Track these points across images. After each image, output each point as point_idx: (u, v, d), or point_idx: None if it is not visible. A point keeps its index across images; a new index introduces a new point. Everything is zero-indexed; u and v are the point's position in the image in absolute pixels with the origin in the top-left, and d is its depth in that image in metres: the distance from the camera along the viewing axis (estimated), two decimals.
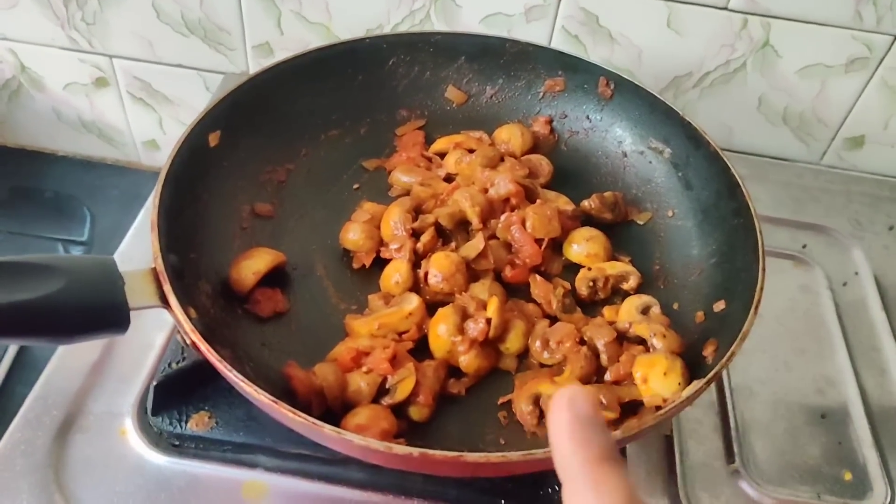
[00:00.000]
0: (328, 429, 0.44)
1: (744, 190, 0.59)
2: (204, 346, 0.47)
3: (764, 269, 0.54)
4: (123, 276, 0.48)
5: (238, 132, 0.64)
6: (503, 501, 0.56)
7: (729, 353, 0.49)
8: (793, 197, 0.87)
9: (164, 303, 0.49)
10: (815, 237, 0.82)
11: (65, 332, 0.47)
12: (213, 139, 0.62)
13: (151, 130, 1.05)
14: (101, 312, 0.48)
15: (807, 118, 0.91)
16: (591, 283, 0.61)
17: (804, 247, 0.81)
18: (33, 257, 0.46)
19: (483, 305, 0.57)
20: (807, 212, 0.85)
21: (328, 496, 0.56)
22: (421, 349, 0.56)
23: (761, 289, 0.53)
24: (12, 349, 0.85)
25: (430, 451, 0.43)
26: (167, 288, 0.49)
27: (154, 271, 0.50)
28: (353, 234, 0.63)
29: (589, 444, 0.29)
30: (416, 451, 0.43)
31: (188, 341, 0.49)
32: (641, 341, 0.56)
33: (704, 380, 0.48)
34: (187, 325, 0.48)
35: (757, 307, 0.52)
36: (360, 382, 0.52)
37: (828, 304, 0.75)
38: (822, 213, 0.85)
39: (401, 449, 0.43)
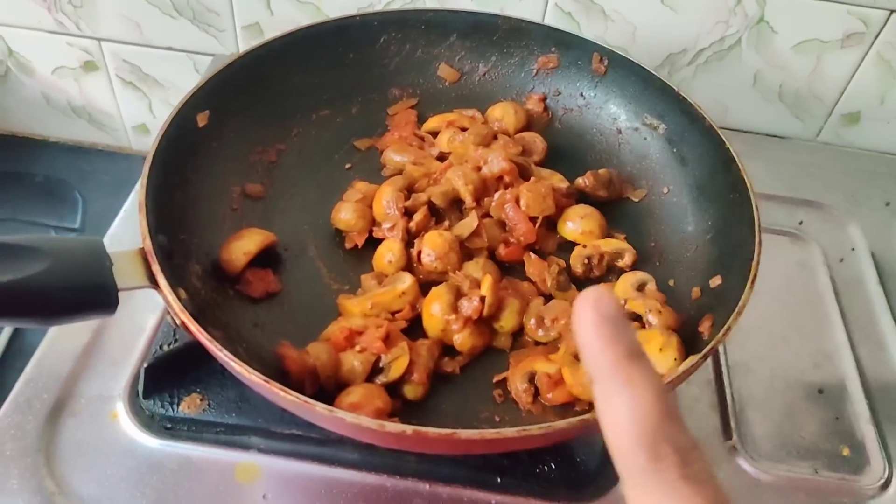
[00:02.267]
0: (320, 407, 0.43)
1: (739, 164, 0.59)
2: (194, 327, 0.46)
3: (760, 243, 0.54)
4: (111, 257, 0.48)
5: (227, 112, 0.63)
6: (499, 479, 0.56)
7: (725, 328, 0.49)
8: (789, 173, 0.86)
9: (153, 283, 0.48)
10: (812, 213, 0.82)
11: (51, 313, 0.46)
12: (202, 119, 0.62)
13: (141, 114, 1.04)
14: (89, 293, 0.47)
15: (802, 95, 0.90)
16: (585, 261, 0.61)
17: (800, 223, 0.80)
18: (18, 238, 0.45)
19: (477, 284, 0.56)
20: (803, 188, 0.85)
21: (322, 477, 0.55)
22: (415, 329, 0.56)
23: (757, 263, 0.52)
24: (4, 335, 0.84)
25: (424, 429, 0.43)
26: (156, 268, 0.48)
27: (142, 252, 0.49)
28: (345, 214, 0.62)
29: (618, 341, 0.29)
30: (409, 428, 0.43)
31: (178, 322, 0.48)
32: (637, 318, 0.56)
33: (700, 354, 0.48)
34: (176, 305, 0.47)
35: (753, 281, 0.51)
36: (353, 362, 0.52)
37: (824, 280, 0.75)
38: (818, 190, 0.85)
39: (394, 427, 0.43)
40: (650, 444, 0.27)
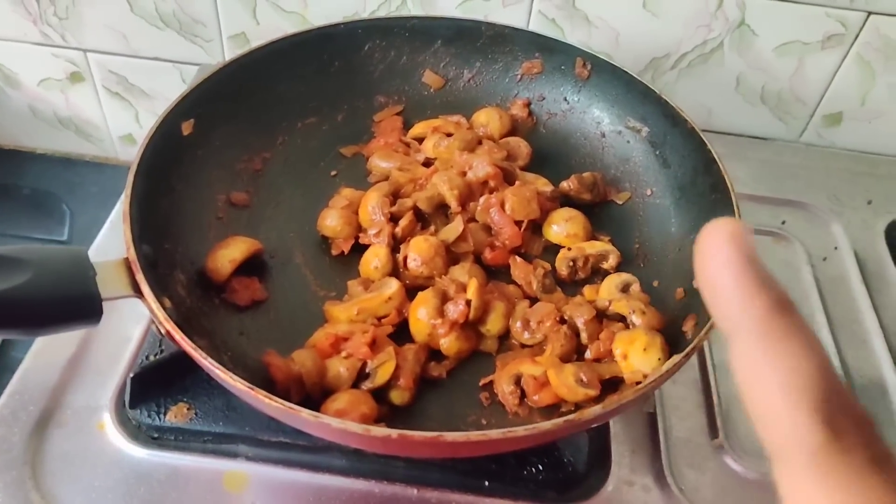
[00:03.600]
0: (305, 413, 0.43)
1: (720, 165, 0.59)
2: (178, 335, 0.46)
3: None
4: (95, 267, 0.48)
5: (212, 120, 0.64)
6: (487, 482, 0.56)
7: (707, 327, 0.49)
8: (772, 174, 0.87)
9: (138, 293, 0.48)
10: (795, 213, 0.82)
11: (35, 324, 0.47)
12: (187, 128, 0.62)
13: (128, 125, 1.04)
14: (72, 303, 0.47)
15: (785, 97, 0.91)
16: (570, 263, 0.61)
17: (783, 223, 0.81)
18: (0, 249, 0.45)
19: (463, 288, 0.57)
20: (786, 188, 0.85)
21: (310, 484, 0.55)
22: (401, 334, 0.56)
23: None
24: None
25: (409, 432, 0.43)
26: (140, 277, 0.48)
27: (126, 261, 0.49)
28: (331, 221, 0.62)
29: (769, 288, 0.23)
30: (394, 432, 0.43)
31: (163, 331, 0.48)
32: (621, 319, 0.56)
33: (683, 353, 0.48)
34: (161, 314, 0.47)
35: None
36: (339, 368, 0.52)
37: (808, 279, 0.75)
38: (801, 190, 0.85)
39: (379, 431, 0.43)
40: (827, 416, 0.21)
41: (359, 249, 0.61)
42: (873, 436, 0.22)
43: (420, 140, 0.71)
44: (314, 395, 0.51)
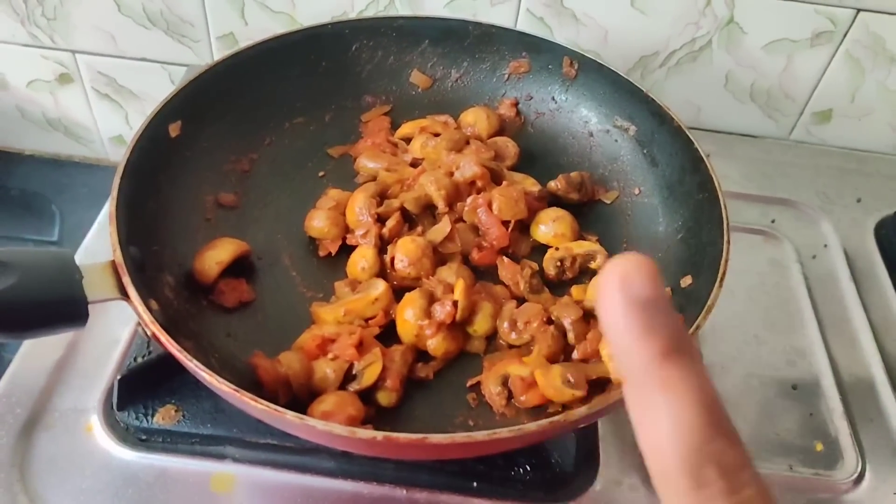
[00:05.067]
0: (290, 415, 0.43)
1: (707, 164, 0.59)
2: (164, 338, 0.46)
3: (729, 242, 0.54)
4: (81, 270, 0.48)
5: (200, 122, 0.64)
6: (475, 484, 0.56)
7: (694, 327, 0.49)
8: (761, 172, 0.87)
9: (124, 295, 0.48)
10: (784, 211, 0.83)
11: (21, 328, 0.47)
12: (174, 129, 0.62)
13: (118, 126, 1.04)
14: (59, 306, 0.47)
15: (774, 94, 0.91)
16: (558, 263, 0.61)
17: (773, 221, 0.81)
18: None
19: (450, 289, 0.57)
20: (775, 187, 0.85)
21: (298, 485, 0.55)
22: (388, 335, 0.56)
23: (726, 261, 0.53)
24: None
25: (394, 434, 0.43)
26: (126, 280, 0.48)
27: (113, 264, 0.49)
28: (318, 222, 0.62)
29: (653, 335, 0.23)
30: (379, 434, 0.43)
31: (149, 333, 0.48)
32: None
33: None
34: (147, 317, 0.47)
35: (722, 280, 0.52)
36: (325, 369, 0.52)
37: (797, 277, 0.75)
38: (790, 188, 0.85)
39: (364, 433, 0.43)
40: (693, 467, 0.23)
41: (346, 250, 0.61)
42: (741, 482, 0.23)
43: (408, 140, 0.70)
44: (301, 396, 0.51)
